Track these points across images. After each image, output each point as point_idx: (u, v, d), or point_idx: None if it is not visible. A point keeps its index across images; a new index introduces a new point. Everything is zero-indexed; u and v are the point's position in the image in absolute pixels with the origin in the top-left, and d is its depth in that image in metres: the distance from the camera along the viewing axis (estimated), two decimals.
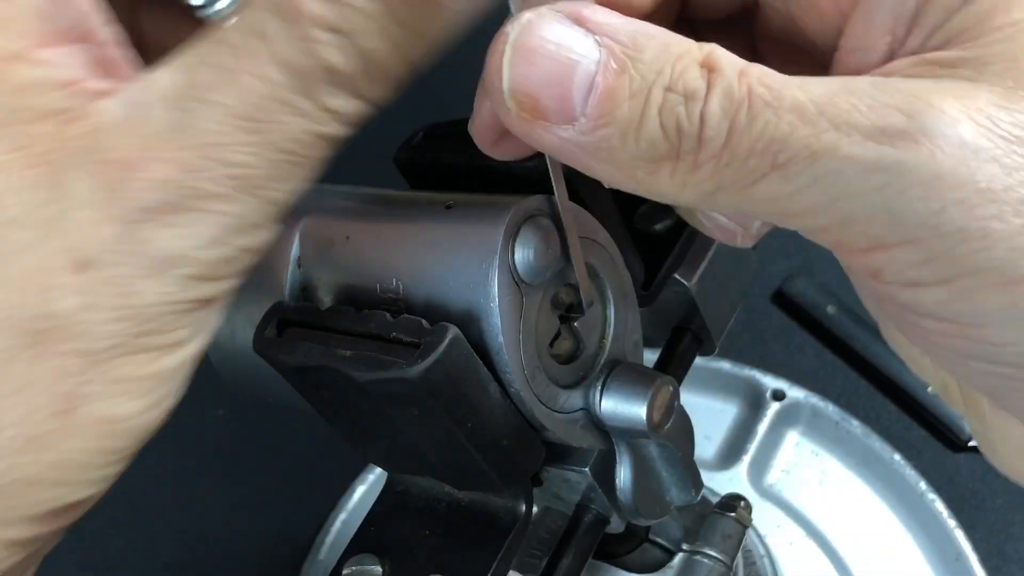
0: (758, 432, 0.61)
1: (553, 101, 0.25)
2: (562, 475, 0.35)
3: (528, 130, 0.25)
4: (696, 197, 0.26)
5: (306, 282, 0.34)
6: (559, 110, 0.25)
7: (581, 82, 0.24)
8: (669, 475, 0.36)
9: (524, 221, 0.30)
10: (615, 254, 0.34)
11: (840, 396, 0.63)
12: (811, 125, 0.24)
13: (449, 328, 0.29)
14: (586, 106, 0.24)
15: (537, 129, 0.25)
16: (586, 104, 0.24)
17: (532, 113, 0.25)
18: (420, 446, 0.32)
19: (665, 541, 0.44)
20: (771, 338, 0.67)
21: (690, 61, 0.25)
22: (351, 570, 0.33)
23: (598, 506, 0.37)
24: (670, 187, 0.25)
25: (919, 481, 0.58)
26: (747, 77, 0.24)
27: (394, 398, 0.30)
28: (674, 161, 0.25)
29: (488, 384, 0.30)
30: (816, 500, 0.59)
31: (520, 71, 0.25)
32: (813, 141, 0.24)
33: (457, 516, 0.34)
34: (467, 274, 0.30)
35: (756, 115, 0.24)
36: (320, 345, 0.30)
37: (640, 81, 0.24)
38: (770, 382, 0.62)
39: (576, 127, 0.25)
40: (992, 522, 0.59)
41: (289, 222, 0.35)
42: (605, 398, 0.33)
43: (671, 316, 0.41)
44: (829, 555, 0.57)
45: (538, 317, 0.31)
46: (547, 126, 0.25)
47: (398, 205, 0.33)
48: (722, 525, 0.44)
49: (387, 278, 0.32)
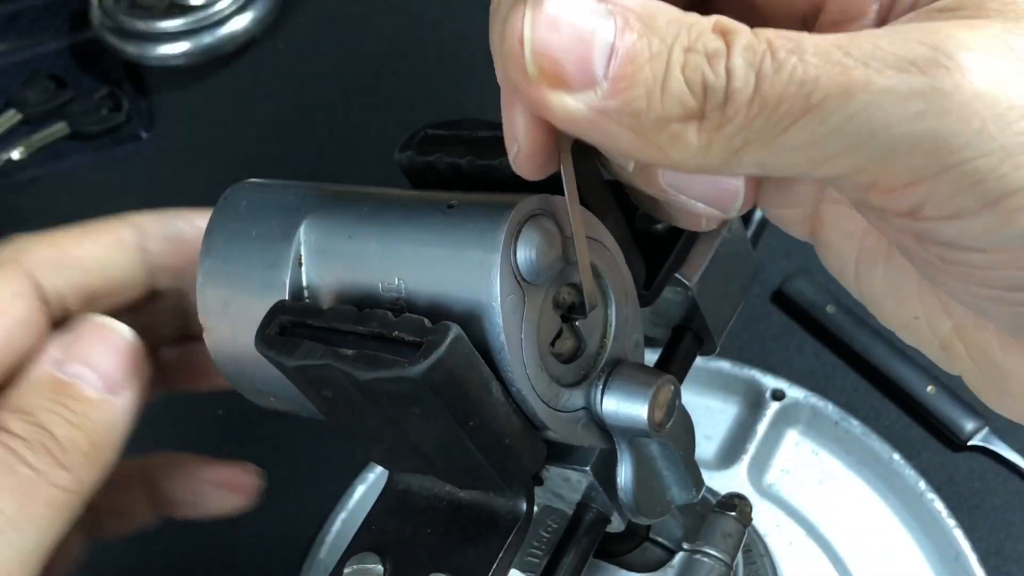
0: (758, 432, 0.61)
1: (575, 67, 0.25)
2: (563, 474, 0.35)
3: (546, 98, 0.25)
4: (722, 157, 0.25)
5: (307, 281, 0.34)
6: (581, 75, 0.25)
7: (601, 47, 0.25)
8: (670, 474, 0.36)
9: (526, 220, 0.30)
10: (617, 254, 0.34)
11: (840, 396, 0.63)
12: (839, 65, 0.24)
13: (451, 327, 0.29)
14: (608, 71, 0.25)
15: (557, 96, 0.25)
16: (607, 69, 0.25)
17: (552, 80, 0.25)
18: (421, 445, 0.32)
19: (666, 540, 0.44)
20: (771, 338, 0.67)
21: (703, 27, 0.25)
22: (352, 569, 0.33)
23: (599, 505, 0.37)
24: (696, 149, 0.25)
25: (918, 481, 0.58)
26: (763, 32, 0.25)
27: (396, 397, 0.30)
28: (700, 120, 0.25)
29: (490, 383, 0.30)
30: (816, 500, 0.59)
31: (543, 36, 0.25)
32: (845, 79, 0.24)
33: (458, 515, 0.34)
34: (469, 273, 0.30)
35: (782, 62, 0.24)
36: (322, 344, 0.30)
37: (659, 43, 0.25)
38: (770, 382, 0.62)
39: (598, 92, 0.25)
40: (991, 522, 0.59)
41: (291, 221, 0.35)
42: (606, 397, 0.33)
43: (672, 316, 0.41)
44: (829, 555, 0.57)
45: (540, 316, 0.31)
46: (568, 92, 0.25)
47: (400, 204, 0.33)
48: (722, 524, 0.44)
49: (389, 277, 0.32)
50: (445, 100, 0.87)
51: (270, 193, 0.37)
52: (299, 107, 0.89)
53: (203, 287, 0.37)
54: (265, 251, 0.35)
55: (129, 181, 0.85)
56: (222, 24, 0.91)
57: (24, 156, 0.87)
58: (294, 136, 0.87)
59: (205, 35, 0.91)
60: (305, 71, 0.92)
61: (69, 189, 0.85)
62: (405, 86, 0.89)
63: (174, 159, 0.87)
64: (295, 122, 0.88)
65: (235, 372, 0.38)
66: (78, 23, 0.97)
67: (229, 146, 0.87)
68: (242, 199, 0.37)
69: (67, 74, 0.92)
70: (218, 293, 0.37)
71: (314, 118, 0.88)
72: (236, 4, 0.92)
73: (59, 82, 0.91)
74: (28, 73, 0.93)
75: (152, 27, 0.91)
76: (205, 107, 0.91)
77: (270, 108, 0.90)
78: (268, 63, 0.93)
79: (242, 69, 0.93)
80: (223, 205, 0.38)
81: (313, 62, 0.93)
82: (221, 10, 0.91)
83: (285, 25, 0.95)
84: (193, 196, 0.45)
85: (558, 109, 0.25)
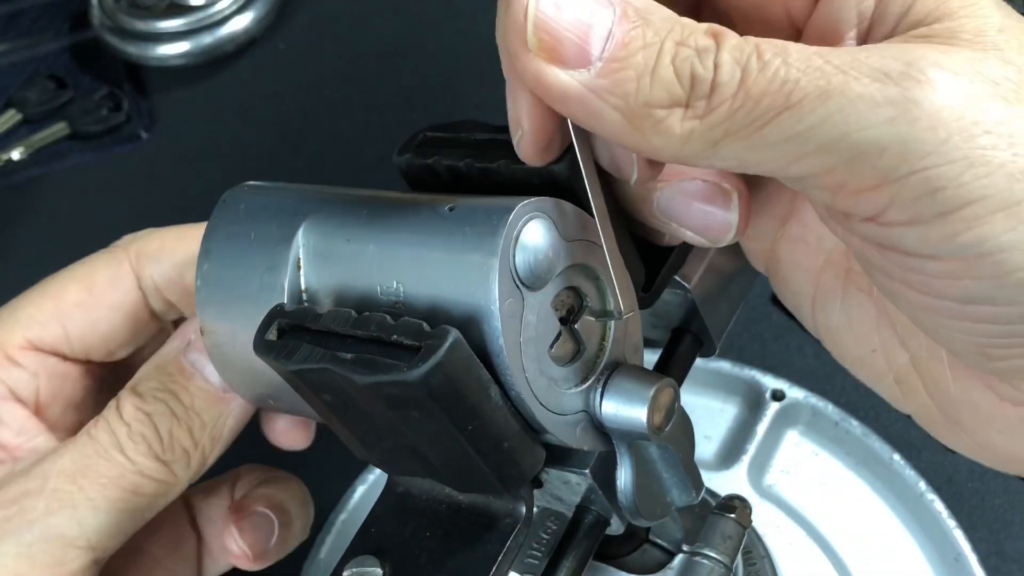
0: (758, 432, 0.61)
1: (573, 45, 0.26)
2: (562, 477, 0.35)
3: (542, 71, 0.27)
4: (701, 147, 0.27)
5: (306, 284, 0.34)
6: (577, 54, 0.26)
7: (599, 31, 0.26)
8: (670, 476, 0.36)
9: (525, 224, 0.30)
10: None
11: (840, 396, 0.63)
12: (819, 70, 0.26)
13: (450, 331, 0.29)
14: (603, 52, 0.26)
15: (551, 71, 0.27)
16: (603, 51, 0.26)
17: (550, 55, 0.27)
18: (420, 448, 0.32)
19: (665, 542, 0.44)
20: (771, 338, 0.67)
21: (695, 27, 0.27)
22: (351, 572, 0.33)
23: (598, 508, 0.37)
24: (677, 137, 0.27)
25: (919, 481, 0.58)
26: (752, 38, 0.27)
27: (394, 401, 0.30)
28: (684, 108, 0.26)
29: (489, 387, 0.30)
30: (816, 500, 0.59)
31: (546, 11, 0.26)
32: (824, 83, 0.26)
33: (457, 518, 0.34)
34: (467, 277, 0.30)
35: (767, 62, 0.26)
36: (320, 348, 0.30)
37: (653, 35, 0.26)
38: (770, 382, 0.62)
39: (591, 70, 0.26)
40: (992, 522, 0.59)
41: (290, 224, 0.35)
42: (605, 400, 0.33)
43: (671, 317, 0.41)
44: (829, 555, 0.57)
45: (539, 320, 0.31)
46: (563, 68, 0.27)
47: (399, 207, 0.33)
48: (722, 526, 0.44)
49: (388, 281, 0.32)
50: (445, 101, 0.86)
51: (269, 196, 0.37)
52: (299, 107, 0.89)
53: (201, 290, 0.37)
54: (264, 254, 0.35)
55: (129, 181, 0.85)
56: (222, 24, 0.91)
57: (24, 156, 0.86)
58: (294, 137, 0.87)
59: (205, 35, 0.91)
60: (305, 71, 0.92)
61: (69, 189, 0.85)
62: (405, 86, 0.89)
63: (174, 159, 0.86)
64: (295, 122, 0.88)
65: (234, 375, 0.38)
66: (78, 23, 0.97)
67: (229, 146, 0.87)
68: (241, 202, 0.37)
69: (67, 74, 0.92)
70: (217, 296, 0.37)
71: (314, 118, 0.88)
72: (236, 4, 0.92)
73: (59, 82, 0.91)
74: (28, 73, 0.93)
75: (152, 27, 0.90)
76: (205, 107, 0.91)
77: (270, 108, 0.90)
78: (268, 63, 0.93)
79: (242, 69, 0.93)
80: (222, 207, 0.38)
81: (313, 62, 0.93)
82: (221, 10, 0.91)
83: (285, 25, 0.95)
84: (193, 196, 0.45)
85: (552, 82, 0.27)
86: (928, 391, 0.34)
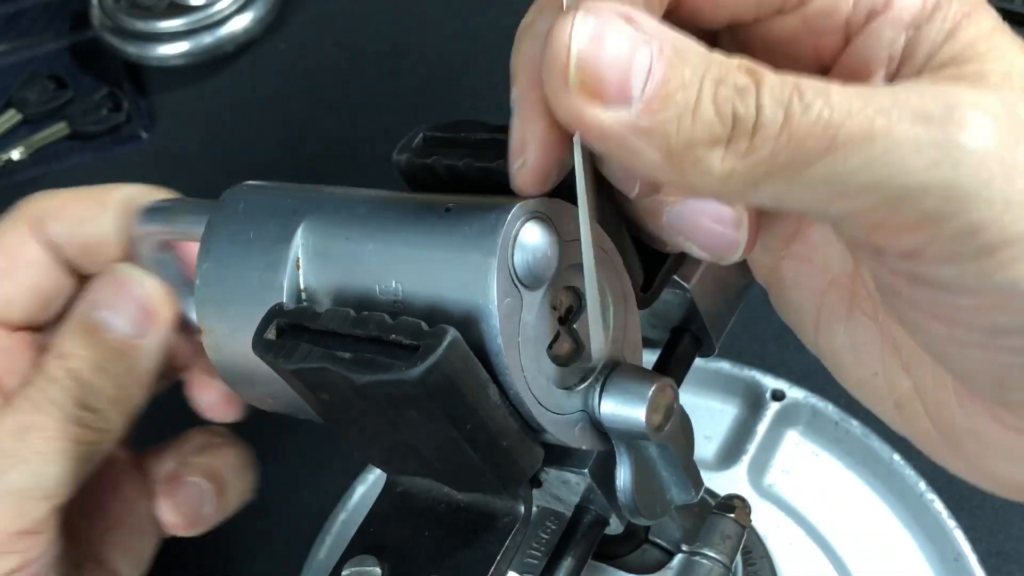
0: (758, 432, 0.61)
1: (614, 85, 0.26)
2: (561, 476, 0.35)
3: (582, 109, 0.26)
4: (740, 186, 0.27)
5: (305, 284, 0.34)
6: (618, 92, 0.26)
7: (639, 69, 0.26)
8: (669, 476, 0.36)
9: (524, 223, 0.30)
10: (616, 258, 0.34)
11: (840, 396, 0.63)
12: (862, 113, 0.26)
13: (448, 330, 0.29)
14: (643, 92, 0.26)
15: (592, 109, 0.26)
16: (643, 90, 0.26)
17: (591, 93, 0.26)
18: (419, 448, 0.32)
19: (664, 542, 0.44)
20: (771, 338, 0.67)
21: (730, 64, 0.26)
22: (350, 571, 0.33)
23: (597, 507, 0.37)
24: (716, 176, 0.27)
25: (919, 481, 0.58)
26: (789, 77, 0.26)
27: (393, 400, 0.30)
28: (725, 146, 0.26)
29: (487, 386, 0.30)
30: (816, 500, 0.59)
31: (588, 49, 0.26)
32: (868, 125, 0.26)
33: (456, 517, 0.34)
34: (466, 276, 0.30)
35: (809, 103, 0.26)
36: (319, 347, 0.30)
37: (691, 74, 0.26)
38: (770, 382, 0.62)
39: (631, 110, 0.26)
40: (992, 522, 0.58)
41: (289, 224, 0.35)
42: (604, 400, 0.33)
43: (671, 317, 0.41)
44: (829, 555, 0.57)
45: (537, 319, 0.31)
46: (603, 106, 0.26)
47: (397, 207, 0.33)
48: (721, 526, 0.44)
49: (386, 280, 0.32)
50: (444, 101, 0.86)
51: (268, 195, 0.37)
52: (299, 107, 0.89)
53: (201, 289, 0.37)
54: (263, 253, 0.35)
55: (129, 181, 0.85)
56: (222, 24, 0.91)
57: (24, 156, 0.86)
58: (294, 136, 0.87)
59: (205, 35, 0.91)
60: (305, 71, 0.92)
61: None
62: (405, 86, 0.89)
63: (174, 159, 0.87)
64: (295, 122, 0.88)
65: (233, 374, 0.38)
66: (78, 23, 0.97)
67: (229, 146, 0.87)
68: (240, 201, 0.37)
69: (67, 74, 0.92)
70: (216, 295, 0.37)
71: (314, 118, 0.88)
72: (236, 4, 0.92)
73: (59, 82, 0.91)
74: (28, 73, 0.93)
75: (152, 27, 0.90)
76: (205, 107, 0.91)
77: (270, 108, 0.90)
78: (268, 63, 0.93)
79: (242, 69, 0.93)
80: (221, 207, 0.38)
81: (313, 62, 0.93)
82: (221, 10, 0.91)
83: (285, 25, 0.95)
84: (193, 196, 0.45)
85: (593, 122, 0.26)
86: (930, 417, 0.34)
